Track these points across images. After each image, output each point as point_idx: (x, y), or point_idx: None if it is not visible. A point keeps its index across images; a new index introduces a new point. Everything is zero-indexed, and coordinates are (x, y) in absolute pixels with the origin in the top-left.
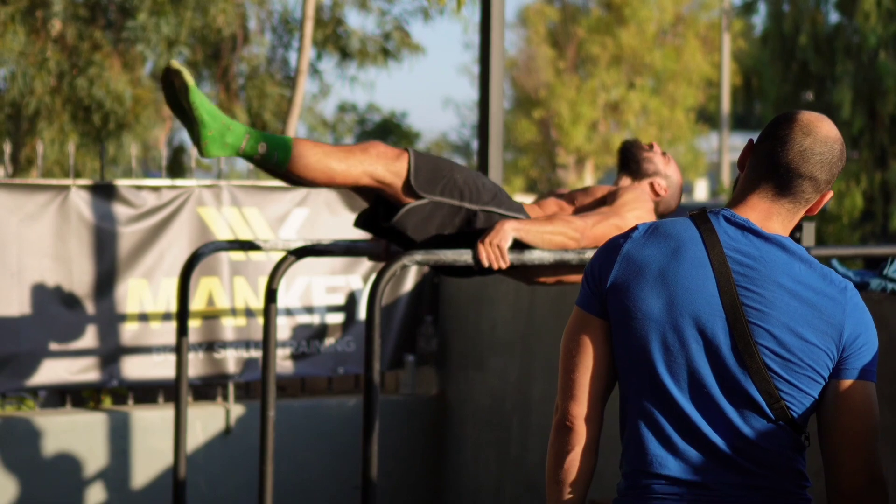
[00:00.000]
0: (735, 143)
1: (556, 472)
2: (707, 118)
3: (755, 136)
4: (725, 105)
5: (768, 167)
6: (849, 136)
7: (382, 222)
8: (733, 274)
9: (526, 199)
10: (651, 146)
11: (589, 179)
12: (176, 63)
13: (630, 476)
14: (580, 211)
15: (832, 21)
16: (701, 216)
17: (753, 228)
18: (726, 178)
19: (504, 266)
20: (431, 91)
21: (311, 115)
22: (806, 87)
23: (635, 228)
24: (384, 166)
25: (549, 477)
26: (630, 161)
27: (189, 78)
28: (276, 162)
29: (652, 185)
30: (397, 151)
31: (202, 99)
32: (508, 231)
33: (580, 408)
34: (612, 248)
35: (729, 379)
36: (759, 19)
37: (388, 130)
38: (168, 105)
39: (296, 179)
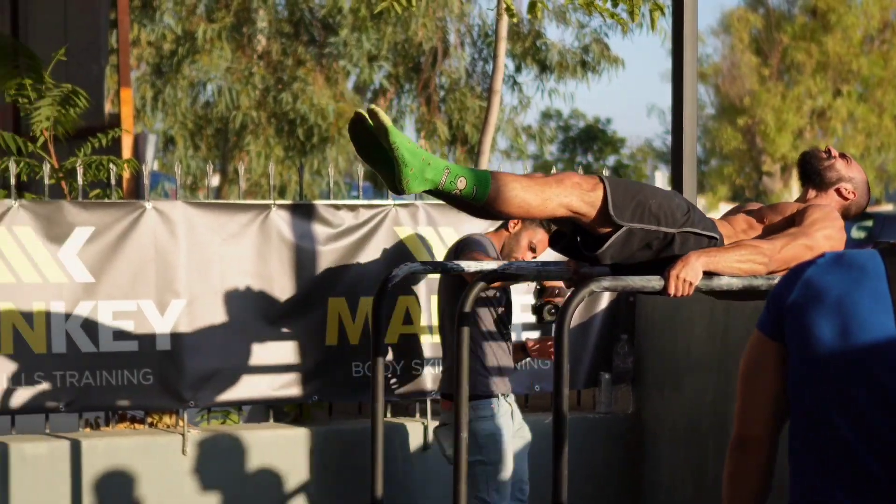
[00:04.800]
0: None
1: (731, 492)
2: None
3: None
4: None
5: None
6: None
7: (585, 252)
8: None
9: (729, 207)
10: (829, 152)
11: (795, 188)
12: (372, 106)
13: None
14: (769, 230)
15: None
16: (890, 250)
17: None
18: None
19: (689, 294)
20: (635, 97)
21: (511, 126)
22: None
23: (822, 255)
24: (579, 197)
25: (724, 495)
26: (811, 173)
27: (386, 118)
28: (475, 197)
29: (839, 192)
30: (592, 181)
31: (402, 138)
32: (699, 267)
33: (755, 429)
34: (795, 273)
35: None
36: None
37: (593, 137)
38: (356, 148)
39: (492, 214)
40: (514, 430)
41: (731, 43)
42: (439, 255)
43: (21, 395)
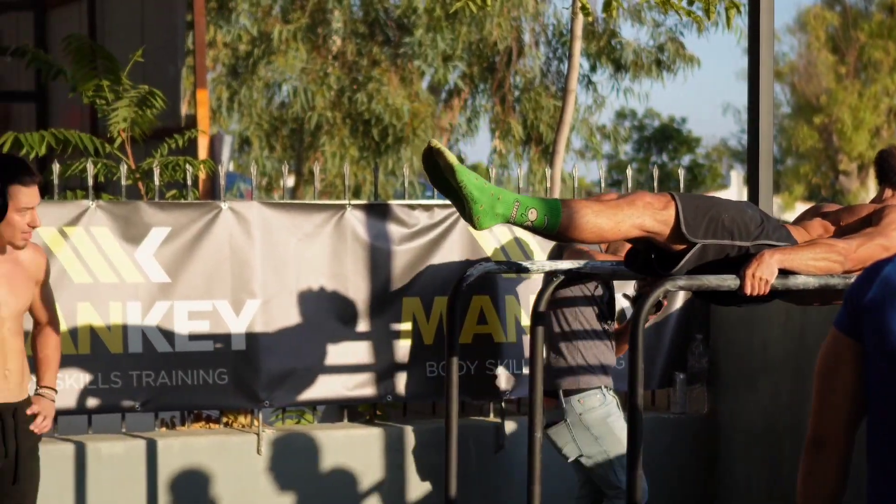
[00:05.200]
0: None
1: (806, 490)
2: None
3: None
4: None
5: None
6: None
7: (660, 270)
8: None
9: (806, 207)
10: None
11: (872, 186)
12: (436, 142)
13: None
14: (845, 231)
15: None
16: None
17: None
18: None
19: (765, 293)
20: (711, 96)
21: (586, 126)
22: None
23: None
24: (652, 217)
25: (799, 495)
26: (889, 172)
27: (452, 157)
28: (547, 227)
29: None
30: (663, 200)
31: (469, 175)
32: (773, 264)
33: (830, 428)
34: (873, 270)
35: None
36: None
37: (667, 136)
38: (431, 182)
39: (566, 239)
40: (623, 421)
41: (807, 41)
42: (514, 254)
43: (97, 395)
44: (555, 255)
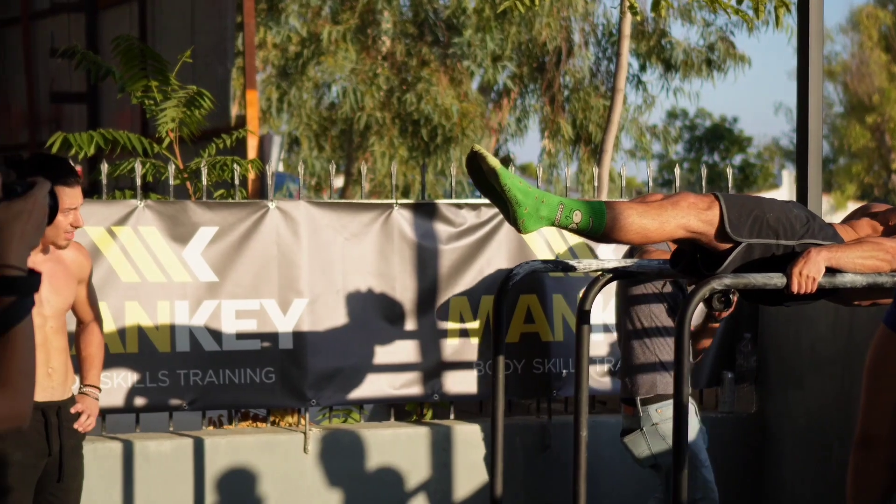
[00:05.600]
0: None
1: (854, 489)
2: None
3: None
4: None
5: None
6: None
7: (705, 271)
8: None
9: (857, 206)
10: None
11: None
12: (479, 147)
13: None
14: (893, 230)
15: None
16: None
17: None
18: None
19: (813, 291)
20: (762, 95)
21: (636, 125)
22: None
23: None
24: (696, 217)
25: (848, 494)
26: None
27: (494, 161)
28: (592, 228)
29: None
30: (707, 200)
31: (512, 179)
32: (821, 262)
33: (880, 426)
34: None
35: None
36: None
37: (719, 136)
38: (476, 186)
39: (612, 241)
40: (697, 429)
41: (859, 40)
42: (562, 253)
43: (145, 394)
44: (627, 256)
